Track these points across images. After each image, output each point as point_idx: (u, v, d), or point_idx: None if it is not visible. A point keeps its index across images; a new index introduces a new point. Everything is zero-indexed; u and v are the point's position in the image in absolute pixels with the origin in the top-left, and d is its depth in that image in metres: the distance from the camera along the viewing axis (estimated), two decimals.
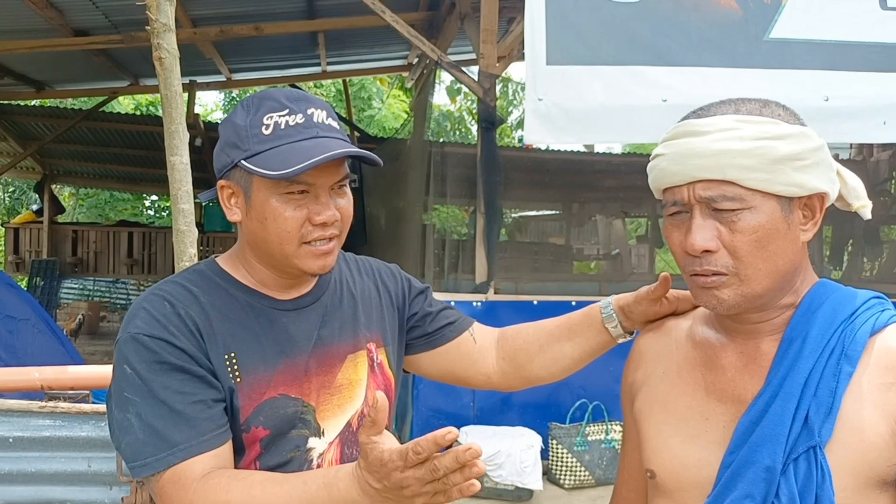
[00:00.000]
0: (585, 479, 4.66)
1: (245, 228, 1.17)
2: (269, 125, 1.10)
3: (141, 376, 1.07)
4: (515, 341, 1.38)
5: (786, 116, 0.99)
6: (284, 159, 1.07)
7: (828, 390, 0.94)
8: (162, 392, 1.06)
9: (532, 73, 4.04)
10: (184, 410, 1.06)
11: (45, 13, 5.94)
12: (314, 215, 1.11)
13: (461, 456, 0.87)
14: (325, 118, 1.15)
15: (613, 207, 10.43)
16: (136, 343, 1.08)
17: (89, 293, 11.98)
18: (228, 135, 1.14)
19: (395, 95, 15.37)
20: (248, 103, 1.15)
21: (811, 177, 0.96)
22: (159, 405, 1.06)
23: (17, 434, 2.01)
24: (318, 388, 1.19)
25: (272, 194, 1.10)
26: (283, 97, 1.13)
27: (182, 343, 1.09)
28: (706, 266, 0.97)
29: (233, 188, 1.15)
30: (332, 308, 1.26)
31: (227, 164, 1.14)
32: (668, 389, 1.10)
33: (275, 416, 1.13)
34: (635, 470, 1.20)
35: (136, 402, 1.06)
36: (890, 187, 8.45)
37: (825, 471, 0.91)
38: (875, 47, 4.17)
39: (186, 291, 1.15)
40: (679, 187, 0.99)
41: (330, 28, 6.96)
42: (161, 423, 1.05)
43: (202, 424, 1.07)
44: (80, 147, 11.11)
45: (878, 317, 0.99)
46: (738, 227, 0.95)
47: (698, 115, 1.01)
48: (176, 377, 1.07)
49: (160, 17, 2.28)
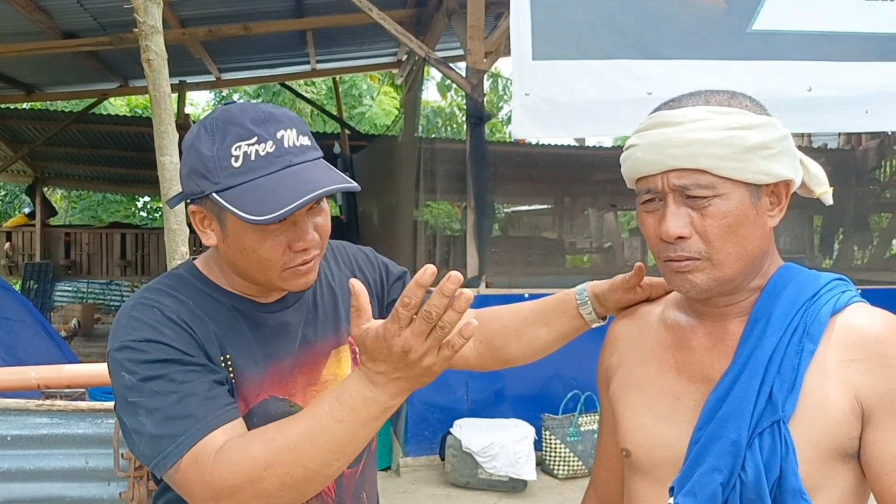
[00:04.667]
0: (579, 469, 4.71)
1: (222, 252, 1.14)
2: (239, 156, 1.05)
3: (140, 377, 1.04)
4: (492, 324, 1.40)
5: (753, 107, 1.03)
6: (261, 197, 1.03)
7: (791, 367, 0.98)
8: (165, 385, 1.04)
9: (518, 68, 4.08)
10: (190, 393, 1.04)
11: (34, 16, 5.95)
12: (294, 242, 1.09)
13: (445, 288, 0.86)
14: (297, 139, 1.09)
15: (605, 201, 10.47)
16: (129, 350, 1.06)
17: (83, 295, 11.97)
18: (194, 164, 1.08)
19: (386, 92, 15.37)
20: (212, 128, 1.08)
21: (778, 165, 1.01)
22: (165, 397, 1.03)
23: (14, 432, 2.03)
24: (303, 387, 1.19)
25: (248, 228, 1.07)
26: (249, 121, 1.06)
27: (176, 342, 1.07)
28: (680, 252, 1.01)
29: (205, 213, 1.12)
30: (315, 305, 1.26)
31: (196, 192, 1.09)
32: (642, 371, 1.14)
33: (266, 419, 1.11)
34: (611, 451, 1.24)
35: (143, 402, 1.04)
36: (878, 176, 8.51)
37: (789, 444, 0.95)
38: (857, 37, 4.22)
39: (173, 298, 1.12)
40: (653, 176, 1.02)
41: (318, 26, 6.98)
42: (171, 413, 1.03)
43: (210, 403, 1.04)
44: (71, 149, 11.09)
45: (839, 297, 1.03)
46: (710, 213, 0.99)
47: (670, 107, 1.04)
48: (175, 369, 1.05)
49: (147, 20, 2.32)
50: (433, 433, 4.92)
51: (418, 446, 4.94)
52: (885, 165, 8.51)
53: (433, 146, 6.99)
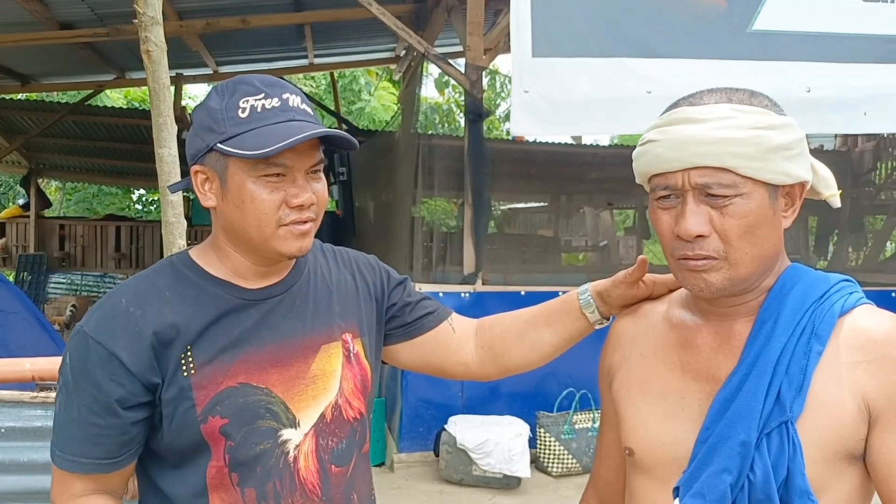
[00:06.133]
0: (573, 467, 4.71)
1: (220, 214, 1.17)
2: (246, 108, 1.10)
3: (71, 375, 1.11)
4: (494, 330, 1.39)
5: (772, 107, 1.02)
6: (262, 141, 1.07)
7: (798, 368, 0.98)
8: (76, 401, 1.11)
9: (518, 65, 4.07)
10: (84, 429, 1.12)
11: (30, 6, 5.92)
12: (291, 198, 1.12)
13: None
14: (300, 103, 1.15)
15: (601, 199, 10.49)
16: (83, 338, 1.11)
17: (77, 288, 11.92)
18: (203, 119, 1.13)
19: (384, 87, 15.33)
20: (222, 88, 1.14)
21: (796, 166, 1.00)
22: (70, 411, 1.12)
23: (8, 424, 2.02)
24: (290, 379, 1.18)
25: (248, 177, 1.10)
26: (258, 81, 1.13)
27: (123, 353, 1.09)
28: (697, 250, 1.00)
29: (207, 173, 1.15)
30: (304, 298, 1.25)
31: (201, 148, 1.13)
32: (646, 370, 1.13)
33: (233, 405, 1.13)
34: (613, 449, 1.23)
35: (62, 396, 1.13)
36: (874, 178, 8.53)
37: (797, 445, 0.95)
38: (857, 39, 4.22)
39: (152, 286, 1.16)
40: (673, 173, 1.01)
41: (317, 20, 6.96)
42: (65, 426, 1.13)
43: (93, 449, 1.12)
44: (67, 141, 11.06)
45: (847, 298, 1.02)
46: (730, 212, 0.98)
47: (691, 103, 1.03)
48: (90, 394, 1.10)
49: (147, 11, 2.30)
50: (427, 429, 4.92)
51: (412, 442, 4.94)
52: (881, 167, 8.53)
53: (431, 142, 6.99)
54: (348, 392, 1.25)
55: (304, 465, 1.18)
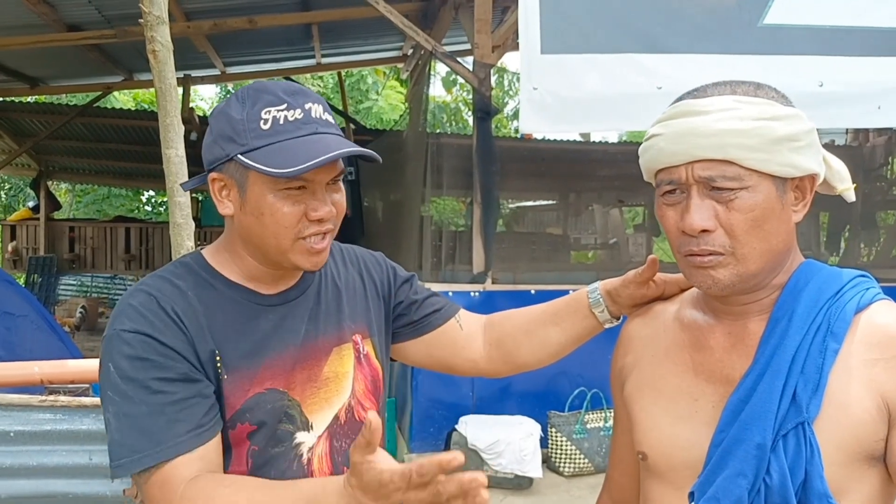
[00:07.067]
0: (585, 467, 4.69)
1: (238, 222, 1.15)
2: (268, 119, 1.08)
3: (121, 375, 1.06)
4: (503, 327, 1.38)
5: (779, 98, 1.00)
6: (286, 157, 1.05)
7: (814, 367, 0.95)
8: (139, 393, 1.05)
9: (527, 62, 4.04)
10: (159, 411, 1.04)
11: (38, 9, 5.93)
12: (311, 211, 1.10)
13: (465, 485, 0.85)
14: (322, 113, 1.13)
15: (610, 196, 10.43)
16: (120, 340, 1.07)
17: (87, 289, 11.98)
18: (223, 127, 1.11)
19: (392, 87, 15.32)
20: (243, 96, 1.12)
21: (805, 158, 0.98)
22: (136, 406, 1.04)
23: (18, 428, 2.02)
24: (303, 382, 1.18)
25: (269, 190, 1.09)
26: (281, 91, 1.11)
27: (166, 338, 1.07)
28: (703, 246, 0.98)
29: (225, 181, 1.13)
30: (318, 301, 1.24)
31: (220, 157, 1.11)
32: (658, 372, 1.11)
33: (261, 412, 1.12)
34: (626, 453, 1.21)
35: (116, 401, 1.06)
36: (886, 172, 8.45)
37: (814, 446, 0.92)
38: (870, 32, 4.17)
39: (172, 286, 1.13)
40: (677, 167, 0.99)
41: (324, 20, 6.94)
42: (136, 425, 1.04)
43: (176, 426, 1.04)
44: (76, 143, 11.09)
45: (863, 295, 1.00)
46: (736, 205, 0.96)
47: (694, 96, 1.01)
48: (155, 375, 1.05)
49: (153, 10, 2.29)
50: (438, 429, 4.90)
51: (423, 442, 4.92)
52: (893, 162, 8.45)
53: (439, 141, 6.96)
54: (360, 393, 1.25)
55: (318, 467, 1.19)
